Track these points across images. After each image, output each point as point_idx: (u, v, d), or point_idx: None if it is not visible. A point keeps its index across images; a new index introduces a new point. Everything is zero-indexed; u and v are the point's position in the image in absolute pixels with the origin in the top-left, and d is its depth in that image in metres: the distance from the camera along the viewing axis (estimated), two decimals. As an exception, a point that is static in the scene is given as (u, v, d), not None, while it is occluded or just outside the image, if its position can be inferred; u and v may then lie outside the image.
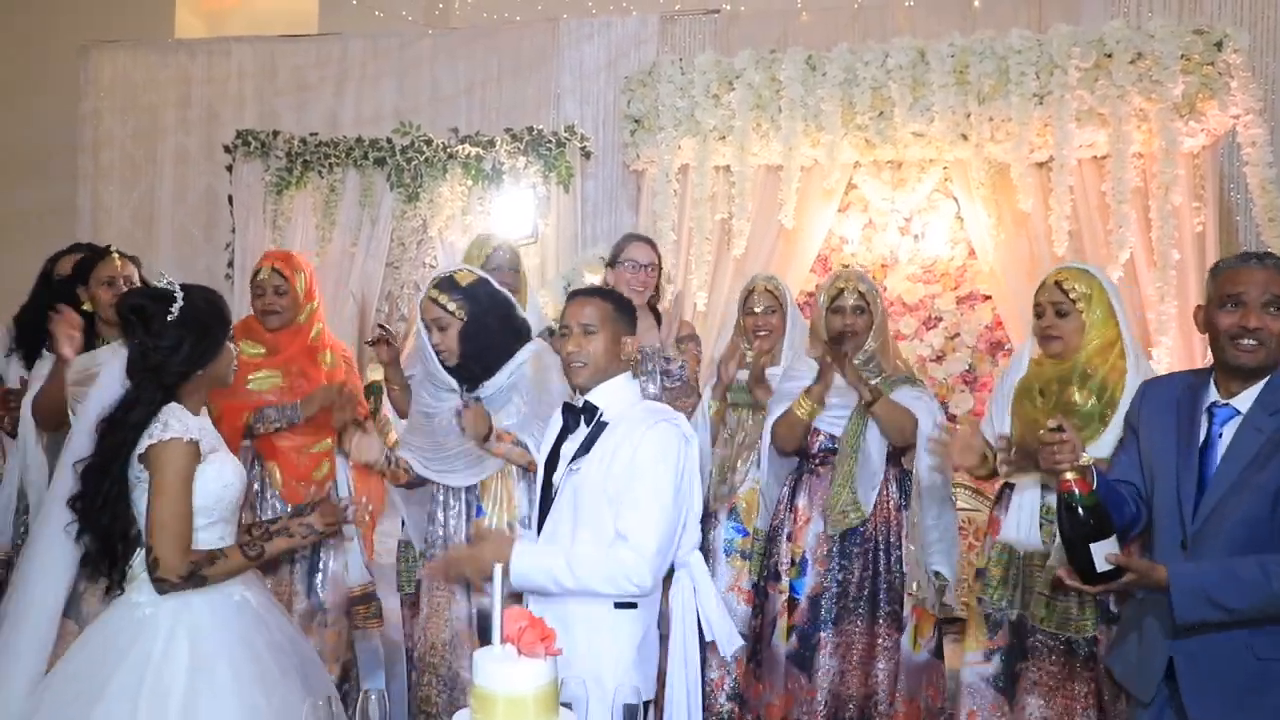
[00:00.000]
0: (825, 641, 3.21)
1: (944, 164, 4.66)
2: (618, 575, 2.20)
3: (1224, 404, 2.21)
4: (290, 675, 2.28)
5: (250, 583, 2.39)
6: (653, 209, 4.68)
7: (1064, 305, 2.92)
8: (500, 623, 1.60)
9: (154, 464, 2.21)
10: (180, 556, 2.20)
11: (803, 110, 4.47)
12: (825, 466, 3.33)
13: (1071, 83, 4.18)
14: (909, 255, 4.81)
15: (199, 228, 5.60)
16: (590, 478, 2.30)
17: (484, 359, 2.98)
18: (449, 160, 4.88)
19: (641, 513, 2.22)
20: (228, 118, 5.50)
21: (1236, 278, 2.19)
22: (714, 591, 2.43)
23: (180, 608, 2.22)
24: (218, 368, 2.37)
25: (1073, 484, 2.07)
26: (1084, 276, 2.96)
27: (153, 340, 2.27)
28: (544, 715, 1.55)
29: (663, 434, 2.29)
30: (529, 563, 2.23)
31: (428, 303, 2.99)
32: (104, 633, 2.24)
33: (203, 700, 2.13)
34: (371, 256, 4.93)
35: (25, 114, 5.93)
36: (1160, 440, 2.28)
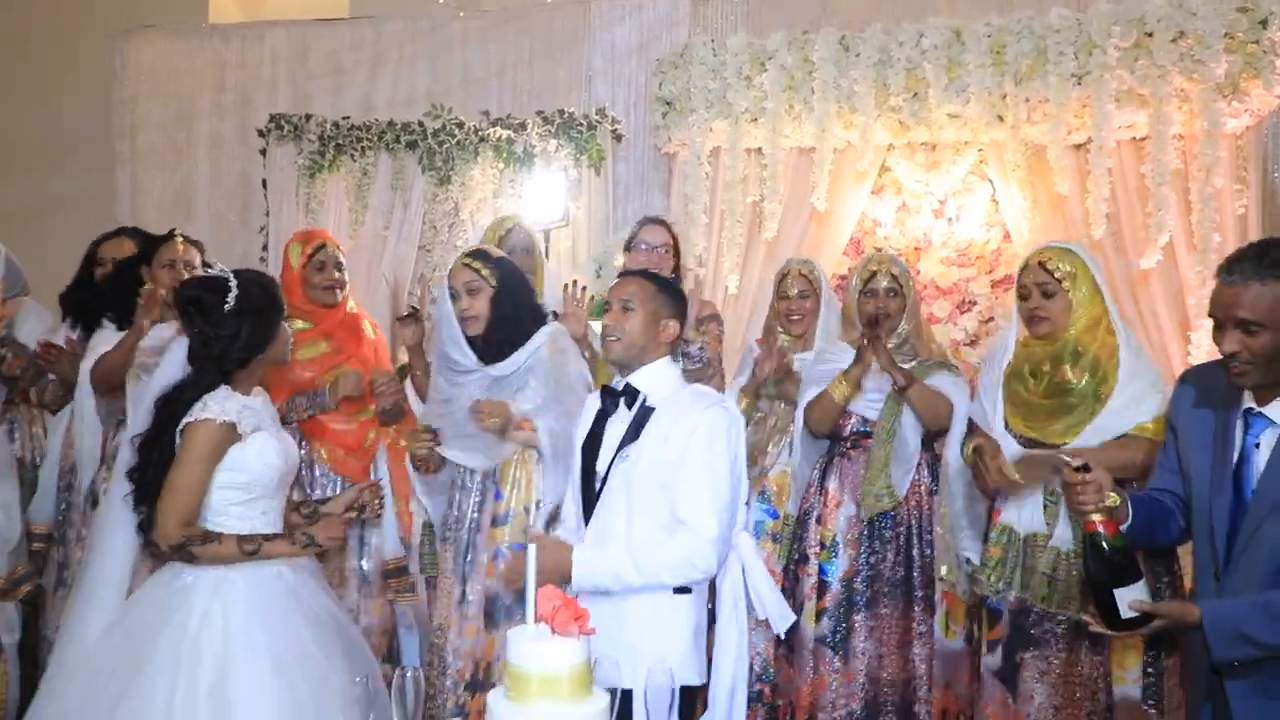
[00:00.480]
0: (860, 625, 3.21)
1: (979, 146, 4.60)
2: (682, 563, 2.23)
3: (1259, 412, 2.10)
4: (330, 651, 2.34)
5: (295, 560, 2.44)
6: (684, 192, 4.66)
7: (1049, 285, 2.90)
8: (534, 603, 1.61)
9: (184, 439, 2.32)
10: (177, 527, 2.29)
11: (836, 92, 4.43)
12: (857, 450, 3.32)
13: (1111, 62, 4.11)
14: (943, 238, 4.76)
15: (234, 212, 5.65)
16: (642, 465, 2.30)
17: (509, 330, 2.98)
18: (480, 143, 4.89)
19: (700, 497, 2.24)
20: (261, 102, 5.53)
21: (1215, 296, 2.09)
22: (764, 570, 2.44)
23: (220, 578, 2.30)
24: (275, 350, 2.47)
25: (1098, 526, 2.00)
26: (1067, 255, 2.94)
27: (212, 330, 2.36)
28: (577, 694, 1.57)
29: (714, 417, 2.30)
30: (592, 566, 2.24)
31: (459, 268, 2.99)
32: (146, 600, 2.35)
33: (238, 667, 2.20)
34: (403, 239, 4.96)
35: (64, 100, 6.00)
36: (1196, 448, 2.19)
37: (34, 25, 6.13)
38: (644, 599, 2.27)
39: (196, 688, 2.16)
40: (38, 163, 5.99)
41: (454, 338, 3.00)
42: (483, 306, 2.96)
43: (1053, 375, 2.87)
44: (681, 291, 2.55)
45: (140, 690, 2.16)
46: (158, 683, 2.16)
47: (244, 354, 2.40)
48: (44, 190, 5.85)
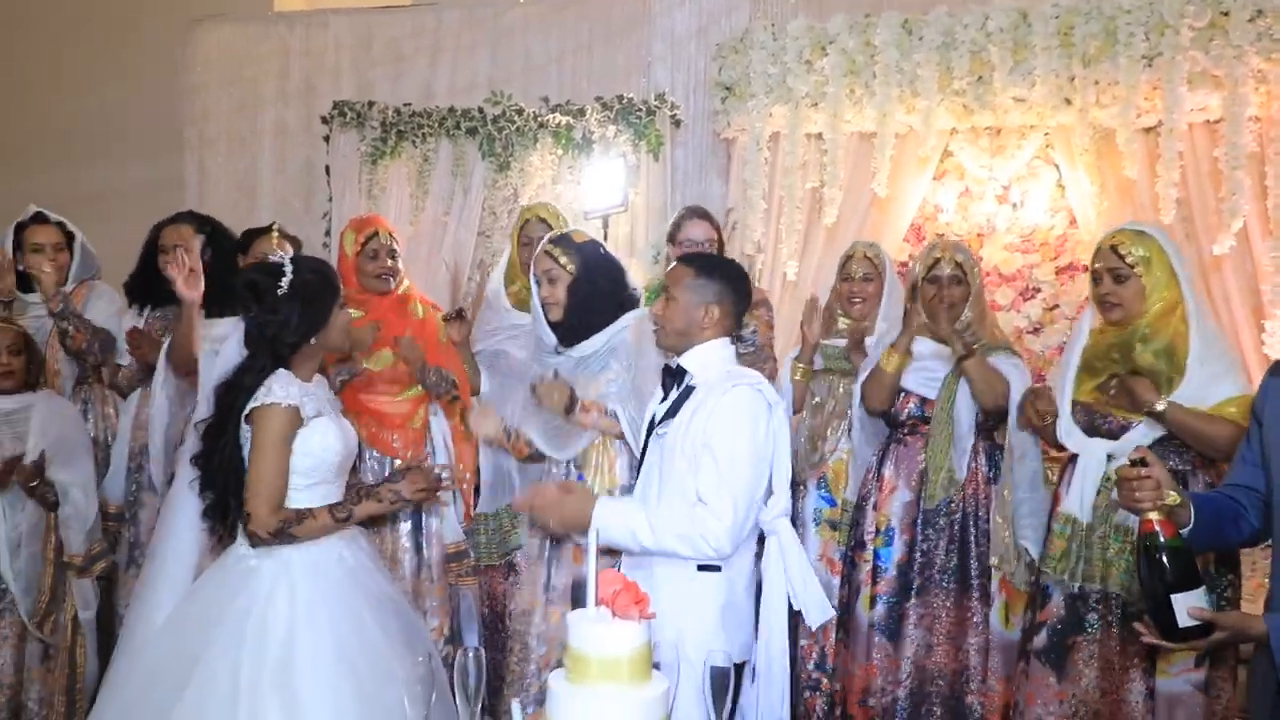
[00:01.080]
0: (910, 612, 3.19)
1: (1045, 130, 4.51)
2: (694, 537, 2.21)
3: None
4: (389, 632, 2.37)
5: (353, 542, 2.48)
6: (743, 177, 4.65)
7: (1121, 270, 2.82)
8: (594, 585, 1.63)
9: (255, 425, 2.33)
10: (271, 513, 2.31)
11: (898, 76, 4.38)
12: (913, 436, 3.29)
13: (1184, 43, 4.01)
14: (1007, 224, 4.68)
15: (298, 198, 5.73)
16: (671, 442, 2.33)
17: (586, 317, 2.99)
18: (540, 129, 4.91)
19: (718, 477, 2.23)
20: (325, 89, 5.60)
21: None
22: (803, 560, 2.40)
23: (283, 562, 2.33)
24: (328, 337, 2.46)
25: (1155, 525, 1.86)
26: (1141, 239, 2.84)
27: (266, 314, 2.38)
28: (637, 677, 1.58)
29: (740, 397, 2.29)
30: (610, 518, 2.25)
31: (541, 255, 3.03)
32: (212, 583, 2.38)
33: (302, 648, 2.23)
34: (463, 225, 5.00)
35: (136, 88, 6.12)
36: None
37: (106, 14, 6.27)
38: (670, 574, 2.27)
39: (262, 669, 2.19)
40: (109, 149, 6.13)
41: (538, 320, 3.06)
42: (561, 293, 2.98)
43: (1122, 363, 2.81)
44: (730, 272, 2.50)
45: (206, 671, 2.19)
46: (222, 665, 2.19)
47: (296, 338, 2.40)
48: (115, 176, 5.98)
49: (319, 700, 2.18)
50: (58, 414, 3.38)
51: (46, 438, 3.25)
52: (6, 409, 3.25)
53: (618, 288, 3.06)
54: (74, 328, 3.61)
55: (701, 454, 2.25)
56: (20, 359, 3.29)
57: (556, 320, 3.01)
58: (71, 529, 3.28)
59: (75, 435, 3.43)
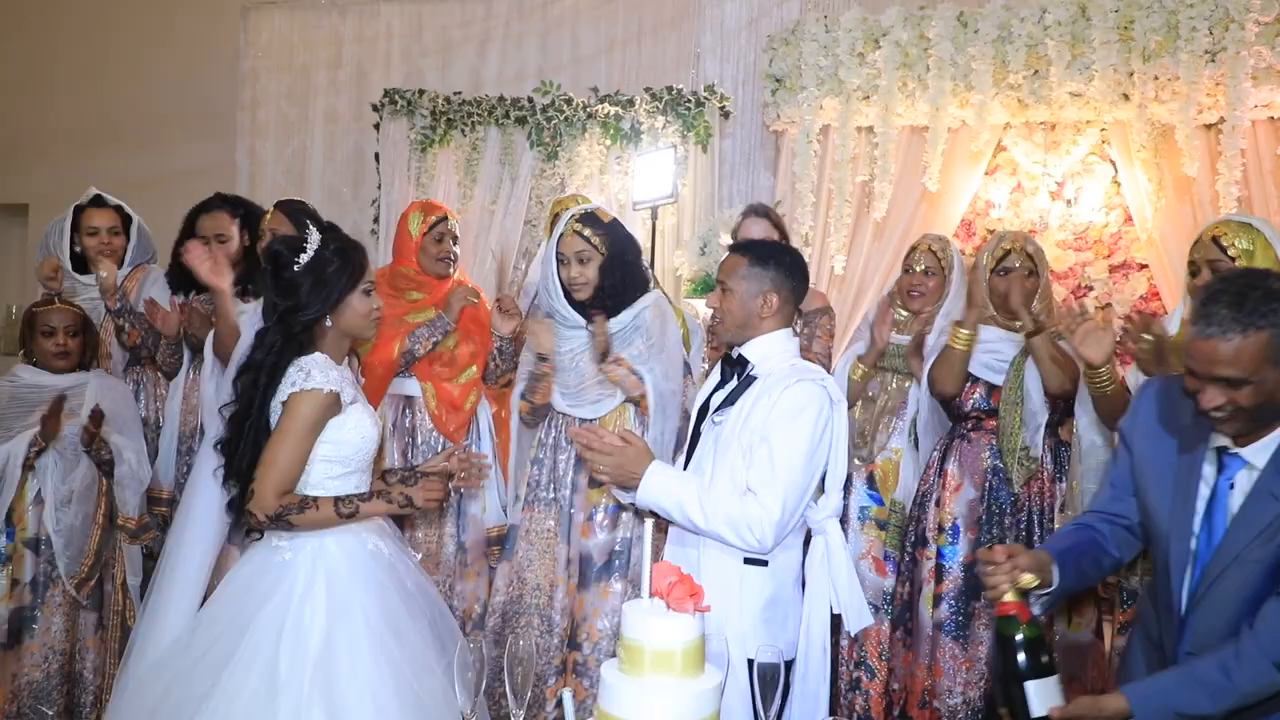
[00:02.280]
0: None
1: (1102, 125, 4.44)
2: (741, 525, 2.18)
3: (1234, 452, 1.90)
4: (420, 622, 2.32)
5: (384, 533, 2.42)
6: (792, 170, 4.62)
7: (1222, 263, 2.64)
8: (649, 576, 1.62)
9: (287, 409, 2.24)
10: (274, 498, 2.22)
11: (952, 69, 4.32)
12: (977, 432, 3.23)
13: (1249, 38, 3.92)
14: (1060, 221, 4.61)
15: (347, 185, 5.79)
16: (728, 431, 2.30)
17: (618, 294, 3.02)
18: (588, 119, 4.91)
19: (771, 470, 2.20)
20: (375, 77, 5.65)
21: (1189, 347, 1.84)
22: (847, 563, 2.36)
23: (318, 553, 2.26)
24: (346, 320, 2.32)
25: (1011, 610, 1.80)
26: (1246, 230, 2.67)
27: (280, 287, 2.30)
28: (690, 670, 1.57)
29: (802, 392, 2.25)
30: (662, 484, 2.23)
31: (570, 236, 3.01)
32: (247, 575, 2.30)
33: (339, 641, 2.18)
34: (510, 214, 5.02)
35: (189, 74, 6.21)
36: (1155, 478, 2.00)
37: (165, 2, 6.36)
38: (717, 565, 2.25)
39: (303, 665, 2.14)
40: (162, 134, 6.22)
41: (558, 296, 3.07)
42: (592, 273, 3.00)
43: None
44: (785, 258, 2.45)
45: (240, 667, 2.14)
46: (258, 661, 2.14)
47: (307, 316, 2.27)
48: (167, 161, 6.07)
49: (360, 696, 2.13)
50: (111, 389, 3.44)
51: (103, 408, 3.31)
52: (62, 386, 3.32)
53: (639, 264, 3.09)
54: (130, 324, 3.65)
55: (758, 445, 2.23)
56: (78, 340, 3.35)
57: (584, 299, 3.02)
58: (126, 489, 3.32)
59: (127, 408, 3.49)
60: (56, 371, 3.33)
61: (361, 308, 2.33)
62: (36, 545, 3.23)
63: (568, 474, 3.13)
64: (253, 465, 2.29)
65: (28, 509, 3.22)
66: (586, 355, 3.09)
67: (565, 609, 3.06)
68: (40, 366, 3.34)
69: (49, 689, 3.20)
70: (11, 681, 3.17)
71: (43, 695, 3.19)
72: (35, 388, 3.31)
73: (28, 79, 6.63)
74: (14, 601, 3.20)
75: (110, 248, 3.90)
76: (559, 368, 3.14)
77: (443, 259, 3.51)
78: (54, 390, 3.28)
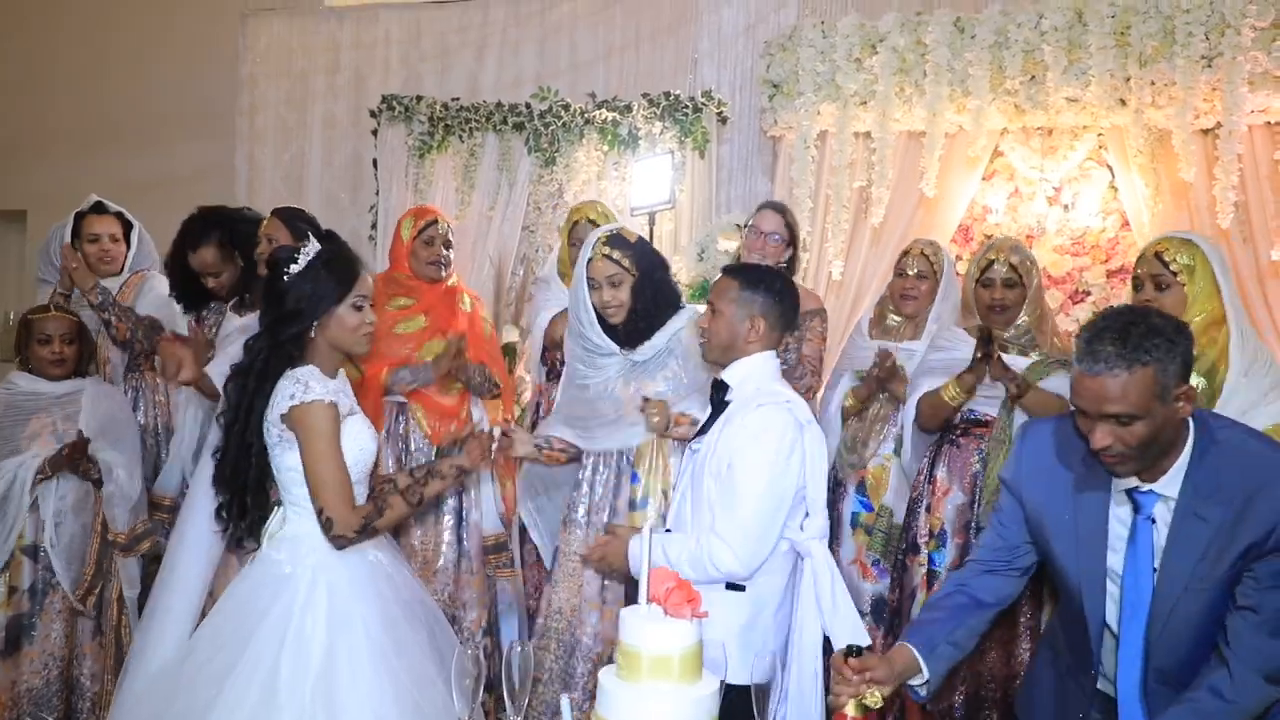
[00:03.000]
0: None
1: (1098, 131, 4.44)
2: (704, 560, 2.24)
3: (1146, 490, 1.91)
4: (419, 632, 2.33)
5: (381, 544, 2.42)
6: (789, 175, 4.63)
7: (1164, 277, 2.74)
8: (647, 583, 1.62)
9: (301, 425, 2.23)
10: (351, 513, 2.24)
11: (949, 75, 4.33)
12: (966, 438, 3.23)
13: (1245, 44, 3.93)
14: (1057, 226, 4.62)
15: (345, 191, 5.79)
16: (703, 457, 2.33)
17: (650, 316, 2.95)
18: (586, 125, 4.92)
19: (731, 500, 2.23)
20: (374, 83, 5.65)
21: (1076, 385, 1.87)
22: (835, 585, 2.33)
23: (318, 566, 2.26)
24: (333, 334, 2.30)
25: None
26: (1186, 246, 2.77)
27: (269, 295, 2.31)
28: (687, 675, 1.58)
29: (763, 418, 2.26)
30: (639, 551, 2.28)
31: (600, 261, 2.92)
32: (248, 588, 2.30)
33: (341, 652, 2.19)
34: (508, 220, 5.02)
35: (187, 79, 6.20)
36: (1054, 525, 2.01)
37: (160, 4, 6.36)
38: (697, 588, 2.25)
39: (304, 678, 2.14)
40: (160, 139, 6.21)
41: (592, 324, 2.99)
42: (625, 296, 2.92)
43: None
44: (776, 285, 2.46)
45: (243, 677, 2.14)
46: (257, 674, 2.14)
47: (291, 327, 2.26)
48: (165, 165, 6.06)
49: (361, 707, 2.13)
50: (105, 397, 3.45)
51: (95, 419, 3.31)
52: (58, 393, 3.33)
53: (669, 282, 3.05)
54: (115, 318, 3.64)
55: (725, 473, 2.25)
56: (74, 348, 3.36)
57: (618, 323, 2.96)
58: (116, 506, 3.32)
59: (122, 417, 3.48)
60: (52, 379, 3.33)
61: (350, 321, 2.31)
62: (34, 553, 3.23)
63: (606, 498, 3.06)
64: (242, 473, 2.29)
65: (25, 517, 3.21)
66: (620, 383, 3.02)
67: (600, 635, 3.02)
68: (36, 374, 3.34)
69: (48, 695, 3.20)
70: (11, 689, 3.17)
71: (42, 702, 3.20)
72: (32, 395, 3.31)
73: (26, 82, 6.64)
74: (12, 609, 3.20)
75: (110, 255, 3.90)
76: (583, 398, 3.08)
77: (433, 262, 3.50)
78: (50, 397, 3.29)
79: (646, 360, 2.98)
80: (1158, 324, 1.85)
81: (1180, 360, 1.83)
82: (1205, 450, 1.89)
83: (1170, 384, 1.81)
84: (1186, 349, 1.85)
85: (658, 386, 2.94)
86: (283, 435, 2.26)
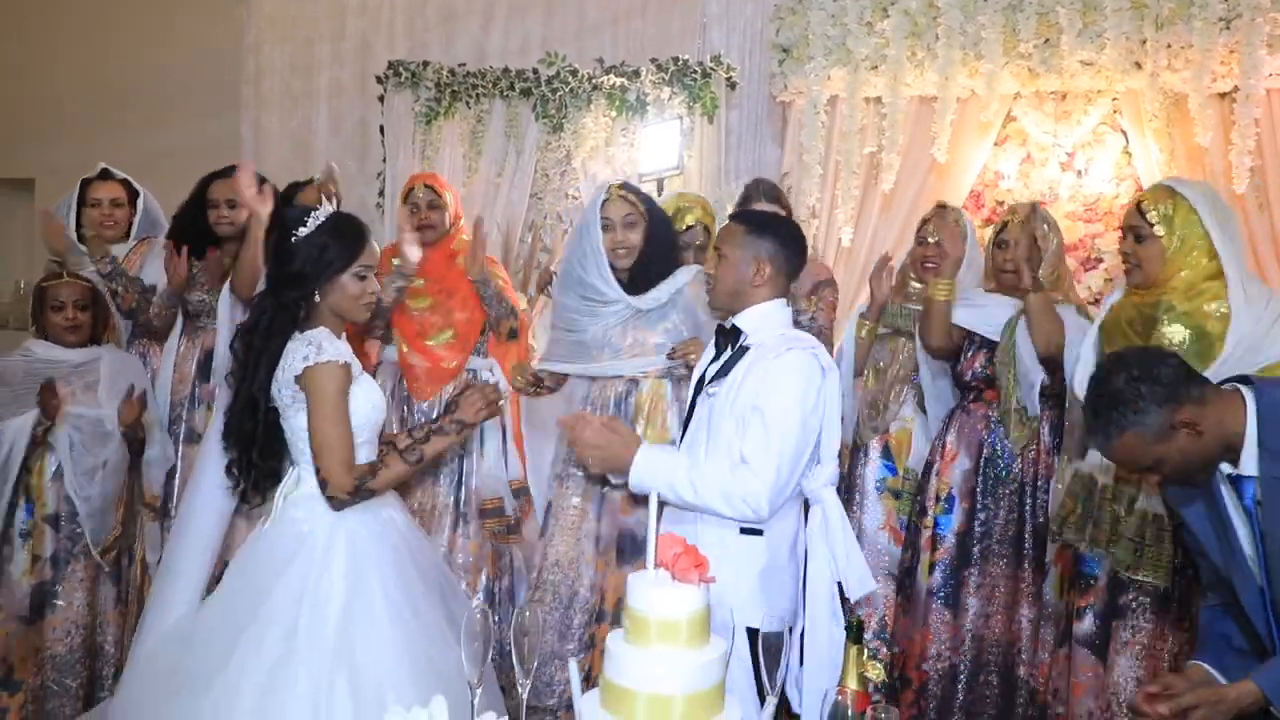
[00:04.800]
0: (969, 580, 3.17)
1: (1113, 95, 4.38)
2: (735, 496, 2.20)
3: (1234, 474, 1.95)
4: (432, 591, 2.36)
5: (395, 504, 2.46)
6: (799, 141, 4.58)
7: (1141, 229, 2.62)
8: (654, 547, 1.62)
9: (311, 385, 2.25)
10: (347, 473, 2.26)
11: (961, 38, 4.27)
12: (976, 403, 3.26)
13: (1264, 5, 3.87)
14: (1070, 192, 4.57)
15: (353, 158, 5.76)
16: (721, 402, 2.30)
17: (658, 263, 3.02)
18: (593, 91, 4.87)
19: (765, 438, 2.21)
20: (380, 49, 5.60)
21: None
22: (845, 530, 2.36)
23: (335, 523, 2.29)
24: (335, 300, 2.33)
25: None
26: (1167, 196, 2.63)
27: (276, 254, 2.33)
28: (695, 640, 1.58)
29: (794, 360, 2.26)
30: (651, 467, 2.24)
31: (616, 200, 3.02)
32: (265, 545, 2.33)
33: (357, 610, 2.21)
34: (516, 187, 4.98)
35: (192, 48, 6.18)
36: (1199, 529, 2.05)
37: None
38: (713, 535, 2.25)
39: (319, 632, 2.16)
40: (166, 109, 6.20)
41: (600, 268, 3.03)
42: (638, 239, 3.00)
43: (1147, 336, 2.61)
44: (783, 230, 2.45)
45: (258, 632, 2.16)
46: (275, 627, 2.16)
47: (293, 289, 2.29)
48: (171, 135, 6.03)
49: (378, 666, 2.15)
50: (123, 364, 3.46)
51: (116, 386, 3.32)
52: (76, 361, 3.33)
53: (676, 242, 3.08)
54: (123, 288, 3.65)
55: (750, 415, 2.24)
56: (87, 314, 3.35)
57: (627, 266, 3.01)
58: (154, 468, 3.36)
59: (141, 383, 3.50)
60: (68, 346, 3.33)
61: (352, 290, 2.33)
62: (56, 521, 3.25)
63: None
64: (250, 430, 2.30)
65: (47, 485, 3.24)
66: (619, 330, 3.06)
67: (595, 585, 3.06)
68: (53, 341, 3.34)
69: (72, 662, 3.24)
70: (35, 655, 3.21)
71: (66, 667, 3.24)
72: (49, 363, 3.32)
73: (33, 51, 6.62)
74: (35, 577, 3.23)
75: (112, 219, 3.91)
76: (576, 341, 3.11)
77: (421, 227, 3.50)
78: (67, 365, 3.29)
79: (649, 311, 3.00)
80: (1118, 388, 1.92)
81: (1156, 404, 1.89)
82: (1265, 418, 1.90)
83: (1158, 428, 1.88)
84: (1154, 390, 1.89)
85: (657, 338, 2.98)
86: (296, 396, 2.28)
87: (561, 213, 4.90)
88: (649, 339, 2.99)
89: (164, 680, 2.23)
